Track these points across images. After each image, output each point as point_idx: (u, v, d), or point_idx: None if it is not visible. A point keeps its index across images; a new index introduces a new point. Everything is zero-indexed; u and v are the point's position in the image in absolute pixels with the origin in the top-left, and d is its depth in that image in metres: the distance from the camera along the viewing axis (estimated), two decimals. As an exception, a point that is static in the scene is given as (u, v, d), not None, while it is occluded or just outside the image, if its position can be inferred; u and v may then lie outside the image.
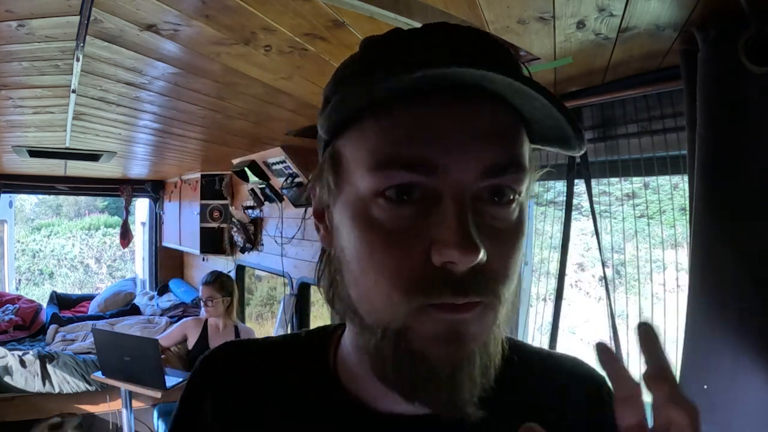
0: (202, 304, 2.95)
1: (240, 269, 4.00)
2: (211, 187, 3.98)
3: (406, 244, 0.37)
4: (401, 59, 0.39)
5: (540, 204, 1.79)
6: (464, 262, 0.35)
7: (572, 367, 0.54)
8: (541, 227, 1.73)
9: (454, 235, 0.35)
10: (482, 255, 0.36)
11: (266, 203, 3.39)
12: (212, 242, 3.98)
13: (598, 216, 1.49)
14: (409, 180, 0.37)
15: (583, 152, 0.39)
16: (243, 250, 3.71)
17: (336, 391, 0.48)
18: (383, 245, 0.38)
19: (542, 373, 0.53)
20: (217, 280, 2.93)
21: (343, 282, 0.43)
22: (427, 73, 0.34)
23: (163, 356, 2.77)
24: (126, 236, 5.04)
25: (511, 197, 0.39)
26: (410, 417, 0.46)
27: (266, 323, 6.21)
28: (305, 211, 2.92)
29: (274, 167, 2.86)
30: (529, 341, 1.61)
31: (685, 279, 1.02)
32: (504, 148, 0.38)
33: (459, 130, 0.37)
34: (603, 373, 0.36)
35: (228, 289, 2.96)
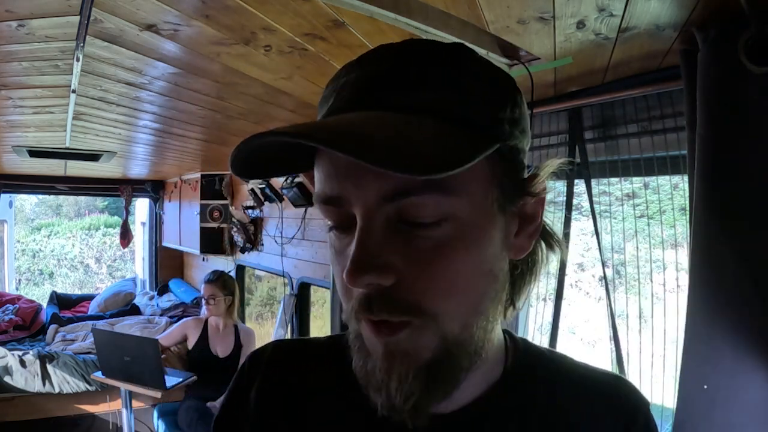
0: (203, 302, 2.96)
1: (240, 269, 4.00)
2: (211, 187, 3.98)
3: (342, 262, 0.42)
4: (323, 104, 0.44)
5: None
6: (352, 285, 0.39)
7: (615, 387, 0.52)
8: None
9: (350, 260, 0.38)
10: (370, 279, 0.38)
11: (266, 203, 3.39)
12: (212, 242, 3.98)
13: (598, 216, 1.49)
14: (330, 212, 0.42)
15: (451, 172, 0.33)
16: (243, 250, 3.71)
17: None
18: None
19: (576, 389, 0.51)
20: (219, 278, 2.95)
21: None
22: (288, 141, 0.35)
23: (163, 356, 2.78)
24: (126, 236, 5.05)
25: (437, 217, 0.38)
26: (449, 415, 0.46)
27: (266, 323, 6.20)
28: (305, 211, 2.92)
29: (274, 167, 2.85)
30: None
31: (685, 279, 1.02)
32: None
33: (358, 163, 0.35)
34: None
35: (230, 288, 2.98)
